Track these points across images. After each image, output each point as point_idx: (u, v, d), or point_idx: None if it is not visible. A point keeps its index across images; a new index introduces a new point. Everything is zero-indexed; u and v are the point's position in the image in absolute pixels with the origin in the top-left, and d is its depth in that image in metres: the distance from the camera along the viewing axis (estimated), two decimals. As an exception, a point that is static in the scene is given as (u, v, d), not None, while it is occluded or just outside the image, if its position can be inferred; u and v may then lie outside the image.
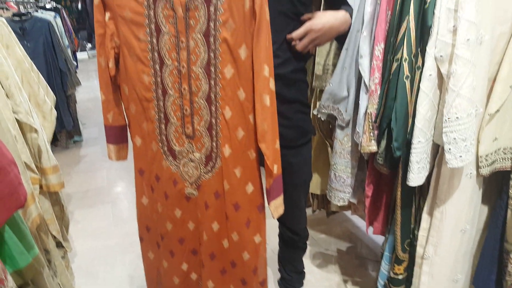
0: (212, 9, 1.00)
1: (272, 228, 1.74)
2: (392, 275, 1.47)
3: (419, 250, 1.37)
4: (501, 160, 1.22)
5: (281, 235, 1.81)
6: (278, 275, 1.96)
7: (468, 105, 1.06)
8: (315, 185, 1.99)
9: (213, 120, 1.10)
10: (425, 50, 1.11)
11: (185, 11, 1.01)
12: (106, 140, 1.27)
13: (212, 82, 1.06)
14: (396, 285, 1.47)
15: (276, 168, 1.12)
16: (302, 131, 1.45)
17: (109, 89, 1.16)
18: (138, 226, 1.34)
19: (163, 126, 1.15)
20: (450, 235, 1.28)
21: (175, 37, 1.04)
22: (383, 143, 1.28)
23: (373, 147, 1.31)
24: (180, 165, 1.18)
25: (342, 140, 1.50)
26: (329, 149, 1.92)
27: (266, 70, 1.03)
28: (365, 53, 1.28)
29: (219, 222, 1.21)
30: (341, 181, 1.60)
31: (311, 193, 2.10)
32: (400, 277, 1.45)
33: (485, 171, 1.20)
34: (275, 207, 1.19)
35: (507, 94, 1.14)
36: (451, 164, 1.11)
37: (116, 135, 1.26)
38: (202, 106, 1.09)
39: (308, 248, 2.38)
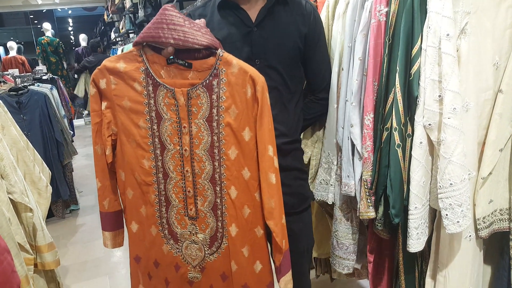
0: (214, 97, 1.03)
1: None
2: None
3: (426, 315, 1.34)
4: (499, 221, 1.22)
5: (284, 303, 1.76)
6: None
7: (461, 171, 1.08)
8: (318, 249, 1.96)
9: (218, 200, 1.10)
10: (414, 119, 1.15)
11: (187, 100, 1.04)
12: (101, 228, 1.25)
13: (216, 164, 1.07)
14: None
15: (284, 244, 1.11)
16: (302, 197, 1.46)
17: (106, 176, 1.17)
18: None
19: (163, 209, 1.14)
20: (456, 299, 1.26)
21: (177, 123, 1.07)
22: (381, 209, 1.29)
23: (371, 214, 1.31)
24: (182, 248, 1.16)
25: (340, 206, 1.51)
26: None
27: (270, 150, 1.05)
28: (356, 122, 1.32)
29: None
30: (344, 248, 1.58)
31: (314, 258, 2.06)
32: None
33: (484, 233, 1.20)
34: (285, 284, 1.16)
35: (498, 157, 1.17)
36: (449, 229, 1.11)
37: (112, 222, 1.24)
38: (206, 187, 1.10)
39: (314, 314, 2.31)
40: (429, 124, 1.12)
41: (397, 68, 1.15)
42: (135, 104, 1.08)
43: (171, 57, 1.04)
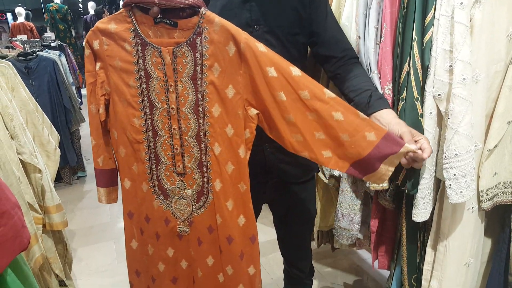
0: (198, 55, 1.06)
1: (274, 259, 1.73)
2: (399, 311, 1.45)
3: (424, 284, 1.36)
4: (502, 194, 1.23)
5: (286, 272, 1.80)
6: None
7: (467, 142, 1.08)
8: (321, 222, 1.98)
9: (203, 157, 1.13)
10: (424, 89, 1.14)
11: (173, 58, 1.07)
12: (96, 184, 1.31)
13: (201, 121, 1.10)
14: (404, 321, 1.45)
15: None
16: (306, 168, 1.47)
17: (99, 134, 1.21)
18: (128, 271, 1.33)
19: (154, 166, 1.18)
20: (454, 269, 1.28)
21: (164, 82, 1.09)
22: (394, 180, 1.29)
23: (385, 184, 1.32)
24: (171, 203, 1.20)
25: (347, 178, 1.52)
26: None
27: (295, 70, 1.04)
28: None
29: (214, 257, 1.21)
30: (348, 220, 1.60)
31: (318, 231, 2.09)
32: (408, 312, 1.43)
33: (487, 205, 1.21)
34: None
35: (505, 130, 1.16)
36: (452, 199, 1.12)
37: (107, 179, 1.29)
38: (192, 144, 1.13)
39: (315, 282, 2.35)
40: (439, 95, 1.12)
41: (414, 36, 1.14)
42: (126, 64, 1.11)
43: (159, 16, 1.06)
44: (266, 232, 1.65)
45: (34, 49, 3.69)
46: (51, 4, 7.82)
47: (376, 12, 1.28)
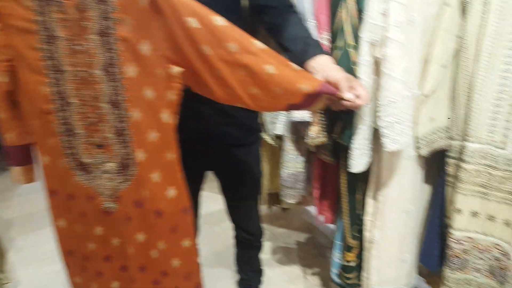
0: (104, 8, 0.93)
1: (229, 227, 1.71)
2: (344, 262, 1.47)
3: (366, 234, 1.38)
4: (438, 140, 1.23)
5: (236, 237, 1.78)
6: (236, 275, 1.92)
7: (402, 87, 1.07)
8: (269, 185, 1.97)
9: (122, 125, 1.03)
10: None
11: (77, 13, 0.94)
12: (11, 163, 1.17)
13: (115, 84, 0.99)
14: (349, 272, 1.47)
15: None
16: (249, 129, 1.42)
17: (5, 107, 1.07)
18: (60, 252, 1.23)
19: (69, 139, 1.06)
20: (394, 217, 1.29)
21: (70, 41, 0.96)
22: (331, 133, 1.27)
23: (323, 138, 1.29)
24: (93, 178, 1.09)
25: (289, 137, 1.49)
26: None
27: (218, 20, 0.95)
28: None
29: (145, 232, 1.14)
30: (293, 178, 1.59)
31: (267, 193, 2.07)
32: (352, 264, 1.45)
33: (424, 151, 1.22)
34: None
35: (441, 74, 1.16)
36: (388, 148, 1.11)
37: (21, 156, 1.16)
38: (108, 111, 1.01)
39: (268, 243, 2.37)
40: (374, 40, 1.09)
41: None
42: (26, 23, 0.96)
43: None
44: (219, 200, 1.60)
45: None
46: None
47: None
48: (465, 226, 1.22)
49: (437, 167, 1.32)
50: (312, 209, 2.70)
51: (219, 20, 0.95)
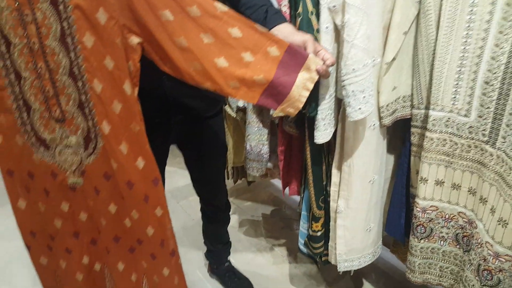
0: None
1: (195, 201, 1.69)
2: (311, 232, 1.47)
3: (332, 205, 1.37)
4: (402, 109, 1.22)
5: (203, 211, 1.76)
6: (205, 248, 1.92)
7: (364, 55, 1.04)
8: (234, 158, 1.94)
9: (83, 97, 0.97)
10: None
11: None
12: None
13: (72, 55, 0.92)
14: (316, 242, 1.48)
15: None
16: (212, 102, 1.37)
17: None
18: (21, 234, 1.19)
19: (25, 115, 1.00)
20: (359, 187, 1.29)
21: (17, 11, 0.88)
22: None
23: None
24: (55, 154, 1.04)
25: (252, 109, 1.45)
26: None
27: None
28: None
29: (116, 203, 1.11)
30: (256, 151, 1.56)
31: (232, 167, 2.05)
32: (319, 233, 1.45)
33: (387, 121, 1.20)
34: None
35: (402, 41, 1.13)
36: (351, 117, 1.09)
37: None
38: (66, 83, 0.96)
39: (235, 216, 2.36)
40: (333, 6, 1.04)
41: None
42: None
43: None
44: (185, 175, 1.56)
45: None
46: None
47: None
48: (430, 195, 1.22)
49: (401, 136, 1.32)
50: (278, 182, 2.71)
51: None
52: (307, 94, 0.99)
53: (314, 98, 1.15)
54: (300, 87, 0.99)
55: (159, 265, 1.20)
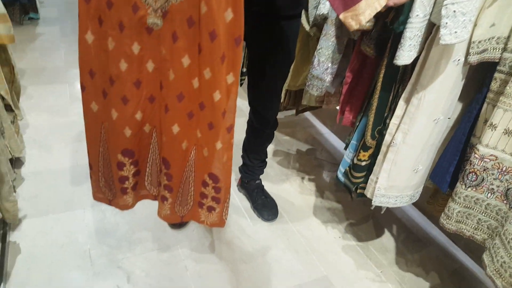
0: None
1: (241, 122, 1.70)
2: (355, 161, 1.47)
3: (387, 138, 1.36)
4: (492, 50, 1.17)
5: (250, 122, 1.76)
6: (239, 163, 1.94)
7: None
8: (290, 81, 1.91)
9: None
10: None
11: None
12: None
13: None
14: (357, 171, 1.47)
15: None
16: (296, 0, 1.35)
17: None
18: (80, 71, 1.11)
19: None
20: (423, 123, 1.27)
21: None
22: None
23: (370, 24, 1.22)
24: None
25: (334, 19, 1.40)
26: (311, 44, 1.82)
27: None
28: None
29: (191, 57, 1.05)
30: (323, 67, 1.53)
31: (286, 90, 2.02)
32: (364, 163, 1.45)
33: (474, 58, 1.16)
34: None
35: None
36: (444, 39, 1.05)
37: None
38: None
39: (271, 146, 2.38)
40: None
41: None
42: None
43: None
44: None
45: None
46: None
47: None
48: (494, 143, 1.19)
49: (479, 83, 1.27)
50: (319, 125, 2.71)
51: None
52: (372, 13, 1.02)
53: (405, 13, 1.12)
54: (370, 2, 1.01)
55: (213, 137, 1.15)
